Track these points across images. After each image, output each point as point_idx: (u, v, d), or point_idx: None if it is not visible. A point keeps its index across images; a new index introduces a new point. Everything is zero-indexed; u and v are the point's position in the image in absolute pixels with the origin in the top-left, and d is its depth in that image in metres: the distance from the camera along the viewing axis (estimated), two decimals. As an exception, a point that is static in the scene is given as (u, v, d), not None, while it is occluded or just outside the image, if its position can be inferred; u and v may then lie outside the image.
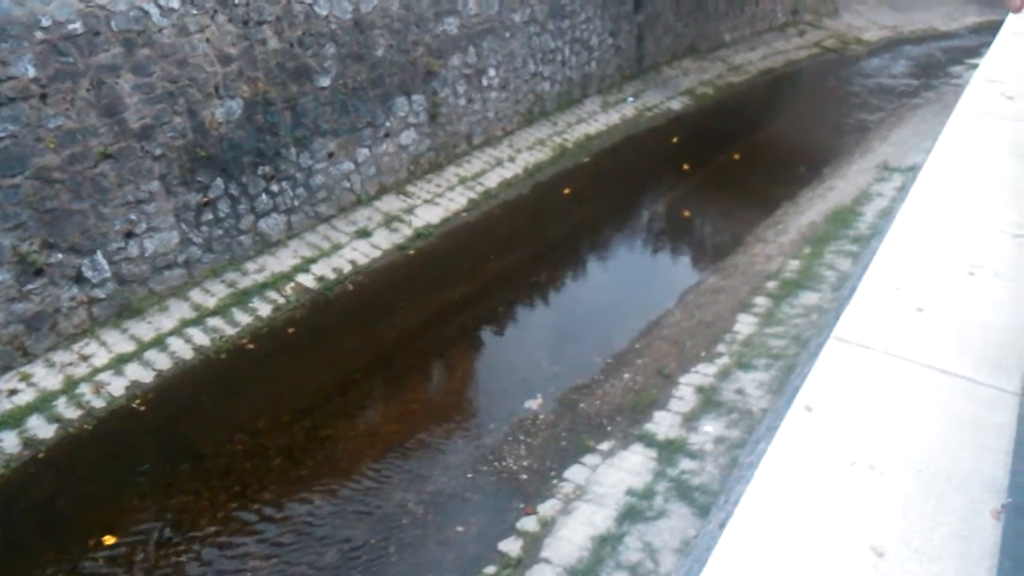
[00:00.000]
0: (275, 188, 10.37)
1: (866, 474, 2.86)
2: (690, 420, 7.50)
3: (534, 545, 6.27)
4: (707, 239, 12.56)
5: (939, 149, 6.06)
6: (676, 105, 16.87)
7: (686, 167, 14.28)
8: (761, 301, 9.53)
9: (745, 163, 14.59)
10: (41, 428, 7.55)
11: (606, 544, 6.13)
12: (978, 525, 2.64)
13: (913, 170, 10.89)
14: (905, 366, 3.48)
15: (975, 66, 9.29)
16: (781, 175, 14.07)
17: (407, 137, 12.23)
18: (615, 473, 6.94)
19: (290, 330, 9.29)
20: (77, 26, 7.99)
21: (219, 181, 9.66)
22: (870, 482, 2.82)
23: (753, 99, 18.35)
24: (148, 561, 6.39)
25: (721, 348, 8.63)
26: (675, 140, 15.41)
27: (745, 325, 9.04)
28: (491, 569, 6.12)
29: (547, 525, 6.45)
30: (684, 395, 7.90)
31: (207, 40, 9.18)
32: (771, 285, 9.88)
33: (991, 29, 13.71)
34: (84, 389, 8.02)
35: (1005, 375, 3.39)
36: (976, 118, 6.76)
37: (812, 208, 12.38)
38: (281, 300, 9.67)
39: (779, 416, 3.89)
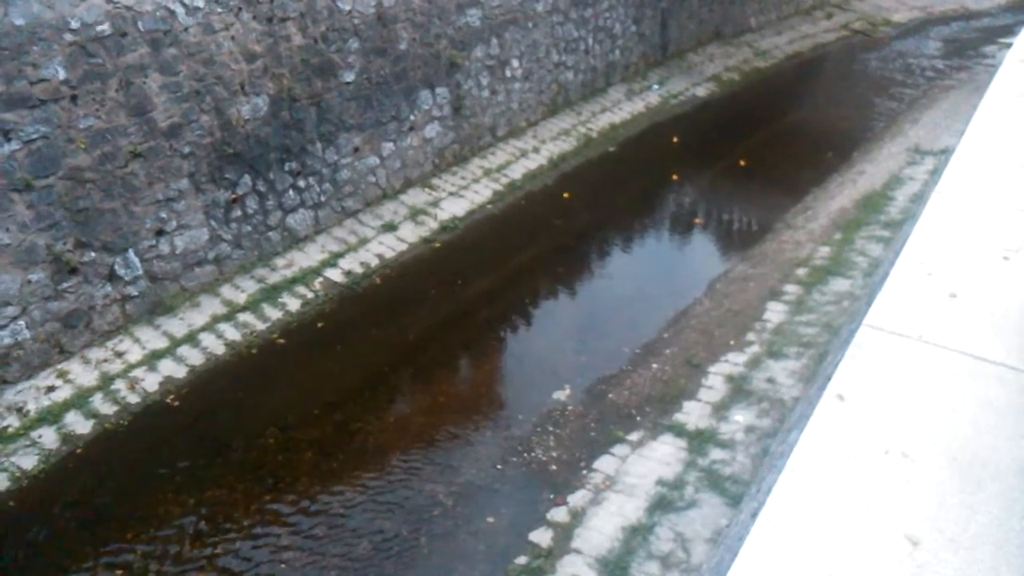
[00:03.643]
0: (302, 184, 10.46)
1: (900, 462, 2.83)
2: (720, 410, 7.46)
3: (565, 536, 6.29)
4: (735, 227, 12.44)
5: (972, 131, 5.95)
6: (702, 92, 16.70)
7: (712, 155, 14.16)
8: (791, 289, 9.43)
9: (772, 149, 14.42)
10: (79, 424, 7.71)
11: (637, 534, 6.13)
12: (1016, 513, 2.60)
13: (945, 153, 10.68)
14: (938, 353, 3.43)
15: (1009, 45, 9.09)
16: (809, 160, 13.90)
17: (431, 130, 12.26)
18: (645, 463, 6.93)
19: (319, 324, 9.38)
20: (105, 27, 8.10)
21: (247, 178, 9.76)
22: (904, 470, 2.79)
23: (780, 84, 18.11)
24: (184, 553, 6.51)
25: (751, 337, 8.56)
26: (701, 127, 15.27)
27: (775, 313, 8.96)
28: (522, 560, 6.15)
29: (577, 516, 6.47)
30: (714, 384, 7.86)
31: (232, 38, 9.26)
32: (801, 272, 9.78)
33: (1025, 7, 13.40)
34: (119, 385, 8.17)
35: (1042, 361, 3.33)
36: (1010, 99, 6.62)
37: (842, 193, 12.22)
38: (310, 295, 9.76)
39: (811, 405, 3.86)
